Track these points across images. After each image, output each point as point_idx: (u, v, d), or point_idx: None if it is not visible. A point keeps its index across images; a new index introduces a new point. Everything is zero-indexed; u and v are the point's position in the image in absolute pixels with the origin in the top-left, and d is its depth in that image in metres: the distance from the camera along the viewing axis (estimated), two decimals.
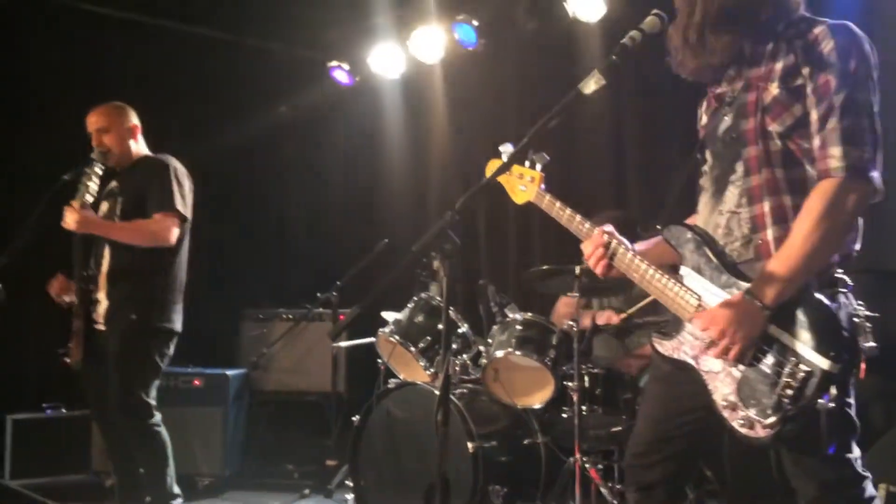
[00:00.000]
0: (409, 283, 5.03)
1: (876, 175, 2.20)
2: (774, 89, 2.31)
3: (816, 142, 2.24)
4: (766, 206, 2.31)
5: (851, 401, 2.29)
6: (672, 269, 2.46)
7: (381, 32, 6.65)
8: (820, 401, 2.09)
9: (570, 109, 2.38)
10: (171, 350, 4.37)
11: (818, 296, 2.16)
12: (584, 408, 4.21)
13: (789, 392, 2.13)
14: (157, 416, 4.25)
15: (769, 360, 2.19)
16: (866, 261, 4.59)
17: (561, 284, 4.43)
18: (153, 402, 4.25)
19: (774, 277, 2.18)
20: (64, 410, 5.71)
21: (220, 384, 5.84)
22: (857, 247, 2.34)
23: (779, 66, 2.33)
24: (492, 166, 2.80)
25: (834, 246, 2.21)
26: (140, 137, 4.55)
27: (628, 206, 5.61)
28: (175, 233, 4.28)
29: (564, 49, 5.97)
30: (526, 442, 4.40)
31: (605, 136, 5.94)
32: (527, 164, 2.76)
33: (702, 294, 2.35)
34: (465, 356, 4.61)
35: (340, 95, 7.23)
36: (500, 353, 4.30)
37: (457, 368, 4.60)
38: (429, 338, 4.51)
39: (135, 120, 4.54)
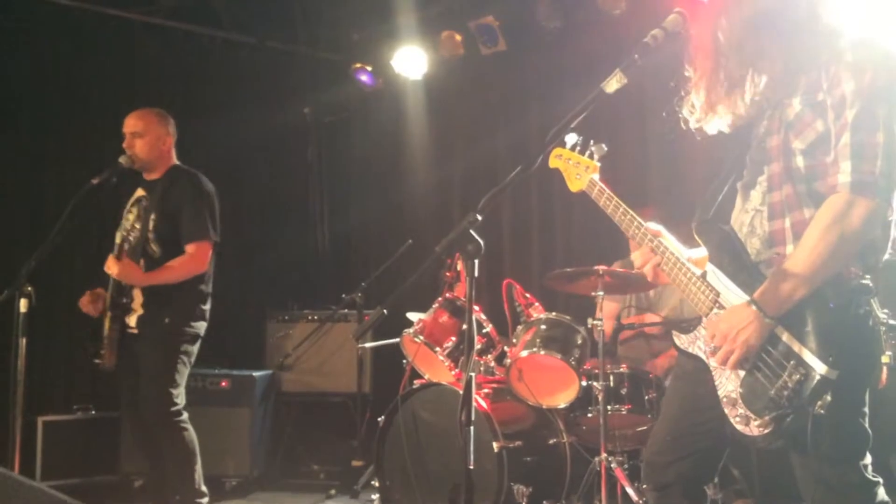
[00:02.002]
0: (434, 283, 5.04)
1: (889, 192, 2.18)
2: (797, 105, 2.32)
3: (832, 157, 2.24)
4: (787, 222, 2.33)
5: (866, 409, 2.29)
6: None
7: (403, 34, 6.67)
8: (815, 403, 2.11)
9: (593, 108, 2.39)
10: (196, 351, 4.47)
11: (825, 300, 2.17)
12: (609, 407, 4.20)
13: (785, 393, 2.16)
14: (185, 416, 4.34)
15: (771, 361, 2.22)
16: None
17: (585, 285, 4.42)
18: (182, 402, 4.35)
19: (779, 288, 2.20)
20: (93, 412, 5.76)
21: (246, 385, 5.88)
22: (885, 256, 2.29)
23: (803, 81, 2.33)
24: (555, 154, 2.82)
25: (840, 259, 2.19)
26: (173, 150, 4.59)
27: (653, 203, 5.59)
28: (208, 259, 4.42)
29: (588, 48, 5.96)
30: (551, 441, 4.41)
31: (629, 133, 5.91)
32: (586, 154, 2.79)
33: (721, 291, 2.38)
34: (489, 356, 4.62)
35: (364, 97, 7.26)
36: (524, 353, 4.30)
37: (481, 368, 4.60)
38: (453, 338, 4.52)
39: (172, 131, 4.58)
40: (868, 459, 2.30)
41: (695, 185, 5.38)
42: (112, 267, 4.22)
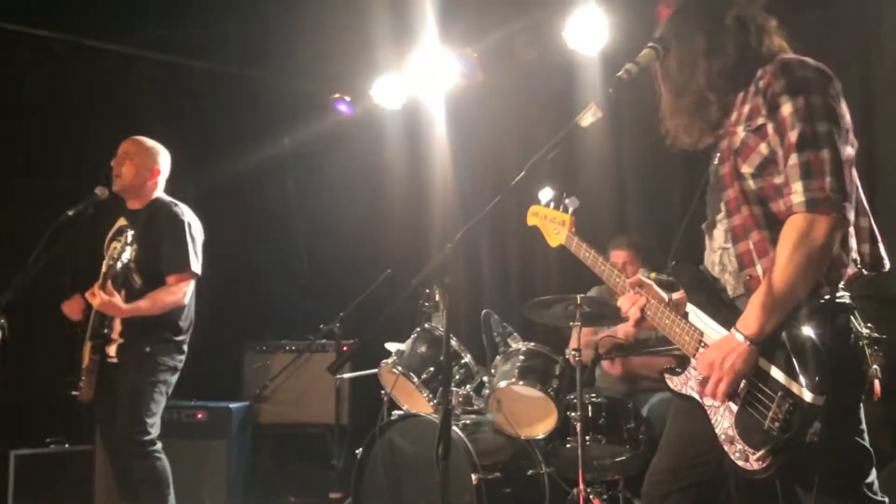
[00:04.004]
0: (412, 313, 5.03)
1: (843, 205, 2.22)
2: (741, 132, 2.40)
3: (783, 178, 2.30)
4: (750, 243, 2.37)
5: (863, 427, 2.31)
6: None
7: (382, 65, 6.71)
8: (807, 432, 2.12)
9: (569, 142, 2.41)
10: (174, 383, 4.46)
11: (803, 325, 2.21)
12: (587, 438, 4.20)
13: (777, 424, 2.17)
14: (159, 445, 4.33)
15: (760, 394, 2.24)
16: (869, 287, 4.61)
17: (563, 314, 4.43)
18: (156, 433, 4.33)
19: (756, 312, 2.23)
20: (67, 446, 5.69)
21: (223, 417, 5.82)
22: (851, 270, 2.34)
23: (745, 108, 2.42)
24: (532, 212, 2.96)
25: (810, 276, 2.23)
26: (160, 183, 4.59)
27: (631, 232, 5.63)
28: (189, 292, 4.42)
29: (564, 80, 6.01)
30: (529, 472, 4.39)
31: (606, 166, 5.95)
32: (560, 208, 2.87)
33: (704, 330, 2.41)
34: (468, 387, 4.60)
35: (343, 127, 7.28)
36: (503, 384, 4.29)
37: (460, 399, 4.59)
38: (431, 368, 4.51)
39: (163, 165, 4.57)
40: (872, 477, 2.30)
41: (673, 211, 5.44)
42: (95, 298, 4.19)
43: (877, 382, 2.28)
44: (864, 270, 2.39)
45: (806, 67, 2.34)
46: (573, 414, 4.13)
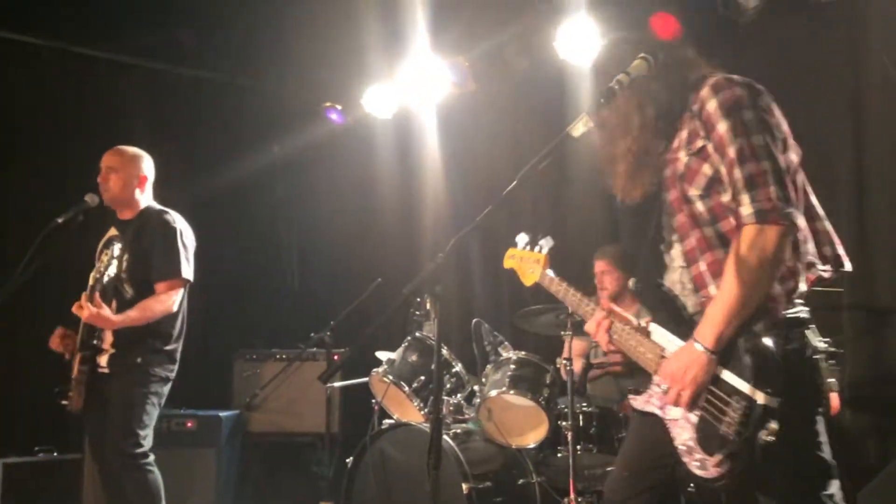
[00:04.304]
0: (403, 322, 5.03)
1: (789, 211, 2.29)
2: (684, 157, 2.47)
3: (730, 194, 2.36)
4: (703, 266, 2.44)
5: (822, 439, 2.34)
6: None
7: (373, 73, 6.71)
8: (760, 433, 2.17)
9: (560, 151, 2.42)
10: (166, 394, 4.43)
11: (757, 335, 2.26)
12: (578, 447, 4.20)
13: (733, 428, 2.22)
14: (151, 458, 4.28)
15: (716, 400, 2.29)
16: (857, 298, 4.64)
17: (554, 323, 4.43)
18: (149, 445, 4.28)
19: (713, 322, 2.30)
20: (56, 454, 5.65)
21: (213, 426, 5.80)
22: (811, 276, 2.39)
23: (684, 134, 2.49)
24: (508, 255, 3.13)
25: (763, 285, 2.29)
26: (148, 189, 4.56)
27: (622, 242, 5.64)
28: (178, 300, 4.38)
29: (556, 89, 6.03)
30: (520, 482, 4.38)
31: (597, 175, 5.95)
32: (536, 248, 3.02)
33: (665, 346, 2.47)
34: (459, 396, 4.60)
35: (333, 135, 7.28)
36: (493, 393, 4.29)
37: (451, 408, 4.58)
38: (422, 377, 4.50)
39: (147, 171, 4.55)
40: (832, 489, 2.33)
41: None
42: (83, 311, 4.16)
43: (834, 396, 2.33)
44: (827, 271, 2.43)
45: (734, 85, 2.41)
46: (564, 423, 4.14)
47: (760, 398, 2.19)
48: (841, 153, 4.75)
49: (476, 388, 4.53)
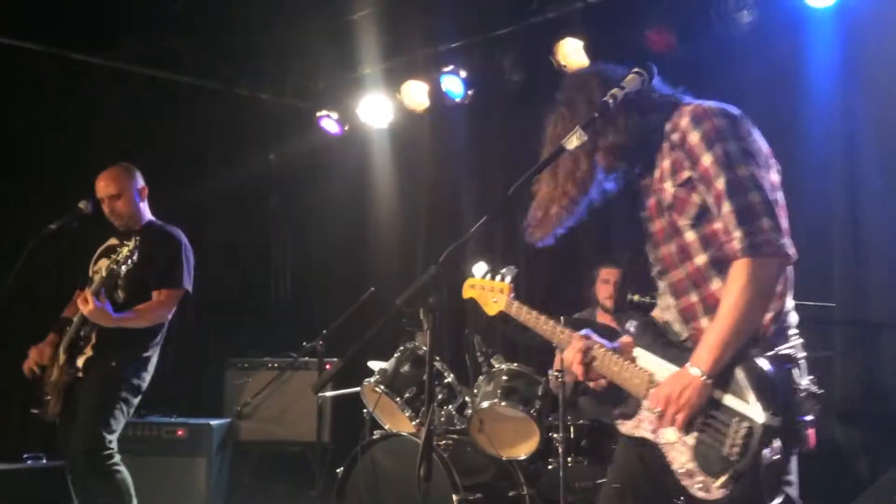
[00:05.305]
0: (396, 332, 5.02)
1: (781, 242, 2.29)
2: (670, 187, 2.45)
3: (720, 225, 2.35)
4: (694, 298, 2.44)
5: (792, 478, 2.35)
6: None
7: (369, 83, 6.72)
8: (764, 452, 2.17)
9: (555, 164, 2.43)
10: (136, 405, 4.45)
11: (755, 359, 2.26)
12: (569, 459, 4.19)
13: (735, 450, 2.21)
14: (118, 458, 4.30)
15: (717, 423, 2.28)
16: (849, 312, 4.65)
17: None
18: (114, 447, 4.30)
19: (708, 350, 2.28)
20: (44, 461, 5.62)
21: (203, 434, 5.78)
22: (791, 304, 2.41)
23: (666, 164, 2.47)
24: (468, 285, 3.07)
25: (758, 315, 2.31)
26: (146, 199, 4.59)
27: (615, 252, 5.65)
28: (173, 308, 4.43)
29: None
30: (511, 494, 4.37)
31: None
32: (497, 277, 2.98)
33: (654, 371, 2.45)
34: (450, 406, 4.59)
35: (329, 145, 7.28)
36: (485, 404, 4.29)
37: (442, 419, 4.57)
38: (414, 388, 4.49)
39: (142, 181, 4.57)
40: None
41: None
42: (87, 305, 4.14)
43: (811, 431, 2.33)
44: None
45: (714, 115, 2.39)
46: (556, 435, 4.13)
47: (763, 418, 2.18)
48: (833, 166, 4.77)
49: (468, 399, 4.52)
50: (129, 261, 4.11)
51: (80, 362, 4.31)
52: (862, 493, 3.82)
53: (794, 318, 2.42)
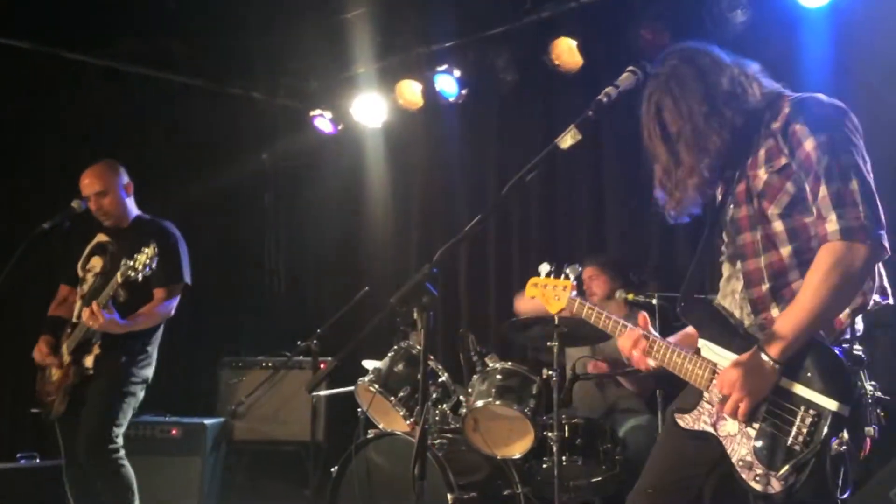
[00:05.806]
0: (390, 331, 5.02)
1: (878, 233, 2.24)
2: (763, 174, 2.41)
3: (815, 212, 2.30)
4: (770, 287, 2.39)
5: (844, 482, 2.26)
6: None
7: (363, 82, 6.72)
8: (832, 442, 2.13)
9: (548, 163, 2.43)
10: (142, 398, 4.50)
11: (826, 347, 2.22)
12: (563, 458, 4.20)
13: (800, 438, 2.17)
14: (122, 453, 4.34)
15: (782, 412, 2.24)
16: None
17: (541, 334, 4.43)
18: (120, 441, 4.35)
19: (782, 334, 2.24)
20: (38, 460, 5.61)
21: (197, 433, 5.78)
22: (877, 297, 2.35)
23: (762, 151, 2.43)
24: (531, 284, 3.09)
25: (839, 304, 2.26)
26: (132, 194, 4.60)
27: (609, 249, 5.66)
28: (176, 301, 4.48)
29: (545, 100, 6.05)
30: (506, 493, 4.37)
31: (584, 187, 5.98)
32: (562, 276, 2.98)
33: (717, 362, 2.42)
34: (444, 405, 4.59)
35: (322, 144, 7.27)
36: (480, 403, 4.29)
37: (436, 418, 4.58)
38: (408, 387, 4.49)
39: (126, 176, 4.57)
40: None
41: (650, 229, 5.49)
42: (96, 319, 4.14)
43: (868, 441, 2.28)
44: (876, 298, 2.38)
45: (822, 105, 2.37)
46: (550, 434, 4.13)
47: (832, 406, 2.14)
48: None
49: (462, 398, 4.53)
50: (148, 268, 4.09)
51: (88, 361, 4.35)
52: (858, 491, 3.82)
53: (860, 323, 2.36)
